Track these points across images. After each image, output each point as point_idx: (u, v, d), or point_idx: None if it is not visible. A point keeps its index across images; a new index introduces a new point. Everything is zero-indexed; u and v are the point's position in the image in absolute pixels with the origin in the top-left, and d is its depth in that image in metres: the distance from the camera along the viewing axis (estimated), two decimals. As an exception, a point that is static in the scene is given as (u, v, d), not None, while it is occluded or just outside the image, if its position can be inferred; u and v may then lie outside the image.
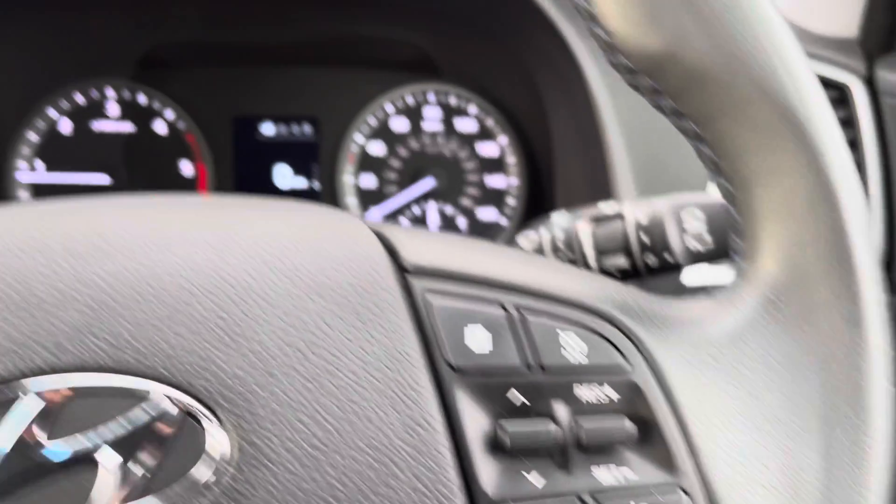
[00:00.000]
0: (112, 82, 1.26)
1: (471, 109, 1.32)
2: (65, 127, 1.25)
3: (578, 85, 0.97)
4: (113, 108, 1.26)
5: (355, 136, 1.31)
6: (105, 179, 1.25)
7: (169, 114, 1.27)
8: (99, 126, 1.26)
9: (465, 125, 1.33)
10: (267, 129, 1.30)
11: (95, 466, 0.34)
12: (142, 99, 1.27)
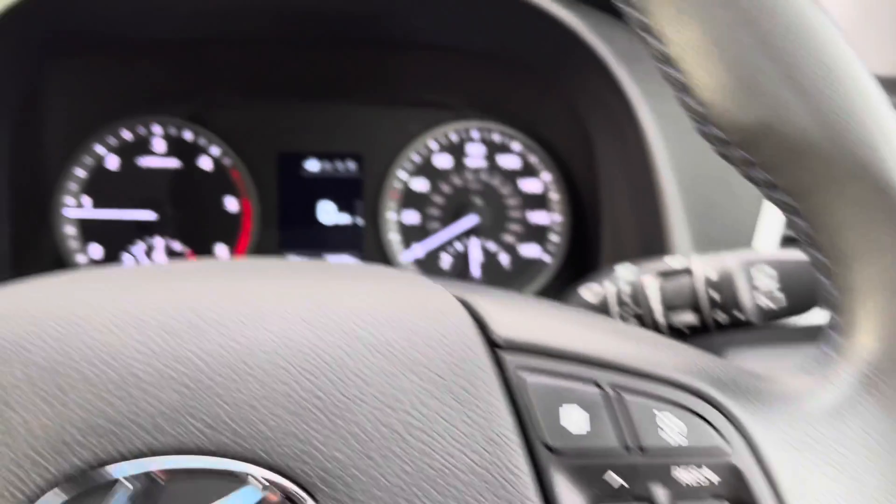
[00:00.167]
0: (159, 119, 1.27)
1: (514, 146, 1.32)
2: (112, 163, 1.26)
3: (630, 127, 0.97)
4: (159, 145, 1.27)
5: (399, 173, 1.31)
6: (151, 216, 1.25)
7: (214, 150, 1.28)
8: (145, 162, 1.27)
9: (509, 162, 1.32)
10: (311, 166, 1.31)
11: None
12: (188, 135, 1.28)
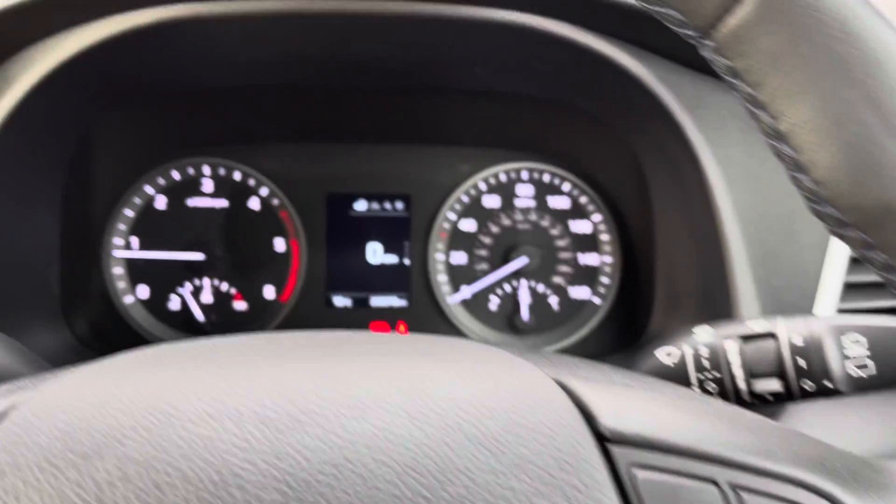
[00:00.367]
0: (208, 160, 1.27)
1: (564, 187, 1.30)
2: (161, 204, 1.26)
3: (692, 173, 0.95)
4: (208, 185, 1.27)
5: (447, 213, 1.29)
6: (199, 256, 1.25)
7: (263, 191, 1.28)
8: (194, 203, 1.27)
9: (558, 202, 1.31)
10: (360, 206, 1.30)
11: None
12: (237, 176, 1.28)
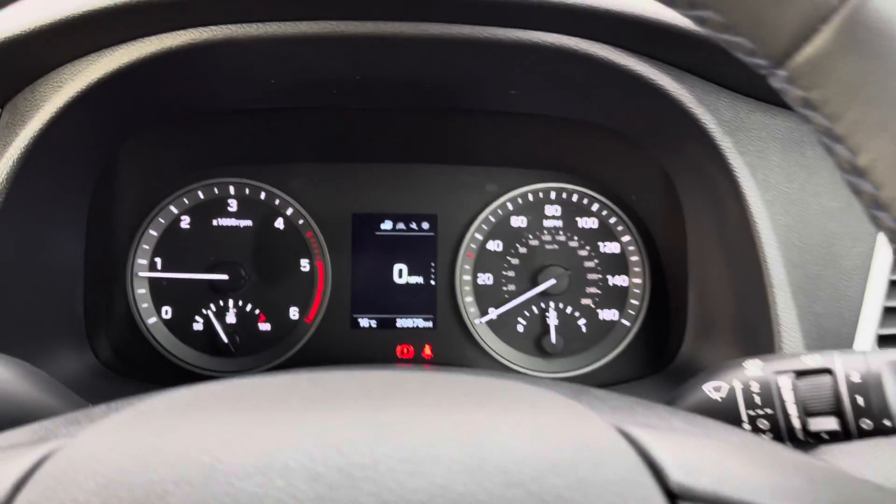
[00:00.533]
0: (234, 180, 1.25)
1: (592, 207, 1.28)
2: (185, 223, 1.25)
3: (730, 197, 0.93)
4: (233, 205, 1.26)
5: (474, 234, 1.27)
6: (223, 277, 1.23)
7: (288, 210, 1.26)
8: (219, 222, 1.26)
9: (587, 223, 1.28)
10: (385, 226, 1.28)
11: None
12: (262, 196, 1.26)
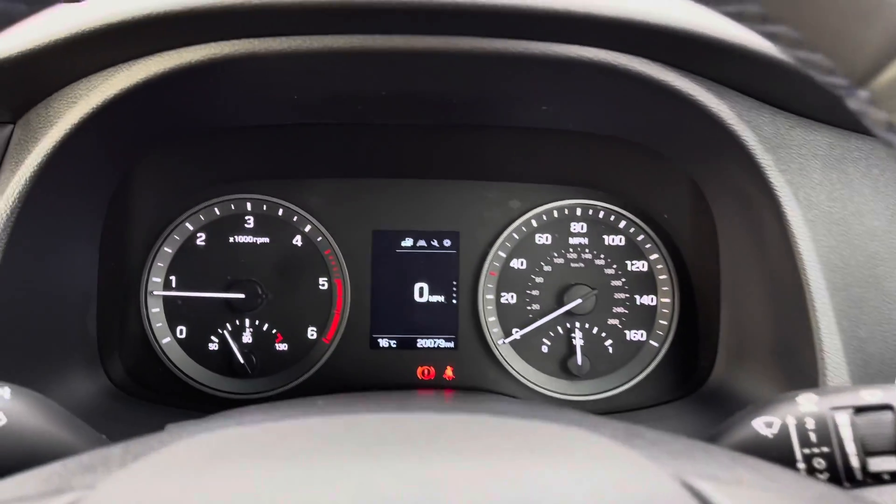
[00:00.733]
0: (251, 197, 1.22)
1: (620, 224, 1.25)
2: (201, 241, 1.22)
3: (770, 215, 0.89)
4: (251, 222, 1.23)
5: (497, 251, 1.24)
6: (239, 295, 1.20)
7: (307, 227, 1.23)
8: (236, 240, 1.22)
9: (613, 241, 1.25)
10: (406, 244, 1.25)
11: None
12: (280, 212, 1.23)
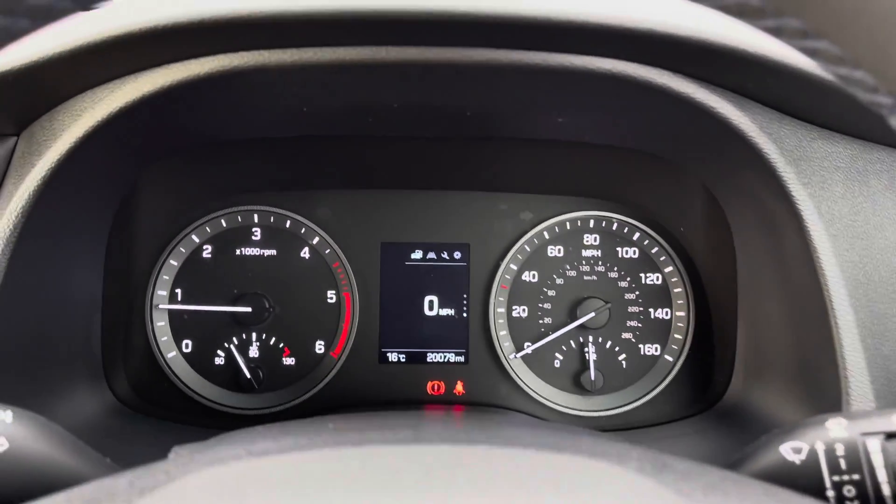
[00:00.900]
0: (258, 209, 1.20)
1: (633, 236, 1.22)
2: (207, 253, 1.19)
3: (791, 228, 0.87)
4: (258, 234, 1.20)
5: (509, 264, 1.22)
6: (246, 309, 1.18)
7: (314, 239, 1.21)
8: (242, 252, 1.20)
9: (627, 253, 1.22)
10: (415, 256, 1.23)
11: None
12: (287, 224, 1.21)
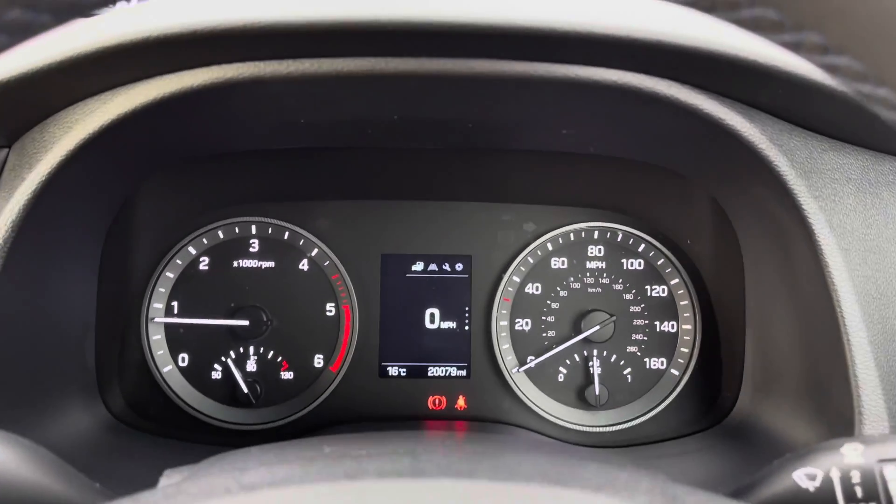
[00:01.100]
0: (256, 220, 1.18)
1: (639, 248, 1.20)
2: (204, 265, 1.17)
3: (801, 242, 0.85)
4: (255, 246, 1.18)
5: (511, 276, 1.19)
6: (244, 322, 1.16)
7: (313, 251, 1.18)
8: (240, 264, 1.18)
9: (632, 265, 1.20)
10: (417, 267, 1.20)
11: None
12: (286, 236, 1.18)
